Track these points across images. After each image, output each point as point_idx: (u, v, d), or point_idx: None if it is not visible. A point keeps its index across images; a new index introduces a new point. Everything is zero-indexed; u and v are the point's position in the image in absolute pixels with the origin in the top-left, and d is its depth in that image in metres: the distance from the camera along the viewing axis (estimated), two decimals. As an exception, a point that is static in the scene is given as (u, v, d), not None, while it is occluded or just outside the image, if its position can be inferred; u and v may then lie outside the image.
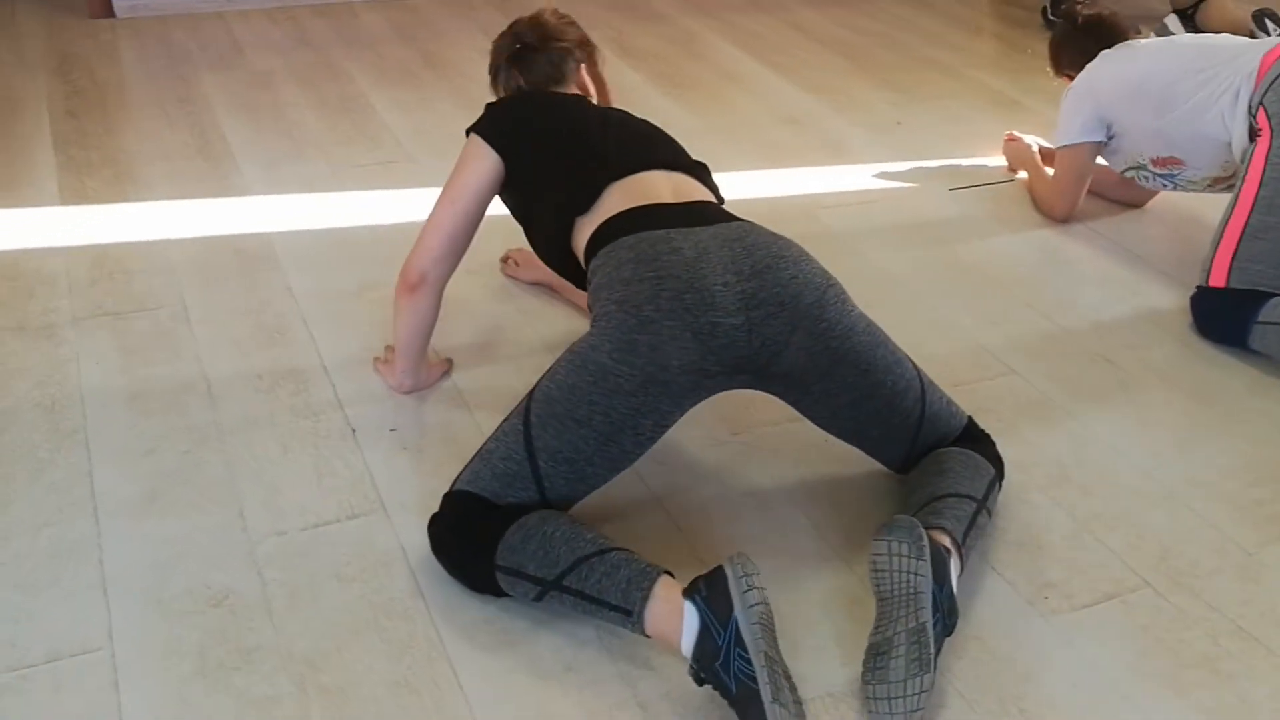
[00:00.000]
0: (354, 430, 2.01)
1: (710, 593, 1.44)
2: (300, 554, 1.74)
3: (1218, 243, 2.31)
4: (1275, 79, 2.33)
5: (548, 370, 1.69)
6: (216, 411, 2.04)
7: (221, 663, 1.55)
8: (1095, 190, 2.93)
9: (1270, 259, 2.25)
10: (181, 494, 1.85)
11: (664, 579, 1.51)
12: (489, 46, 2.22)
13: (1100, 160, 2.79)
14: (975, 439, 1.86)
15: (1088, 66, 2.73)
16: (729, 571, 1.44)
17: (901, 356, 1.77)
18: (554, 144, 1.93)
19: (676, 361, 1.61)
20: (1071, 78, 2.81)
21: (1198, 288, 2.35)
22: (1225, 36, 2.61)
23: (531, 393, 1.67)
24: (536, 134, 1.96)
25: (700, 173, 1.95)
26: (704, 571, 1.48)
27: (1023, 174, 3.05)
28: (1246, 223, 2.28)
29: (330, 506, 1.84)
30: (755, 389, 1.73)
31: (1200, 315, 2.35)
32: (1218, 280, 2.29)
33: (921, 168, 3.12)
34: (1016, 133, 3.13)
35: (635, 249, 1.68)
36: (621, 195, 1.81)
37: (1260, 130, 2.33)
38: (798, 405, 1.76)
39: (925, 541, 1.50)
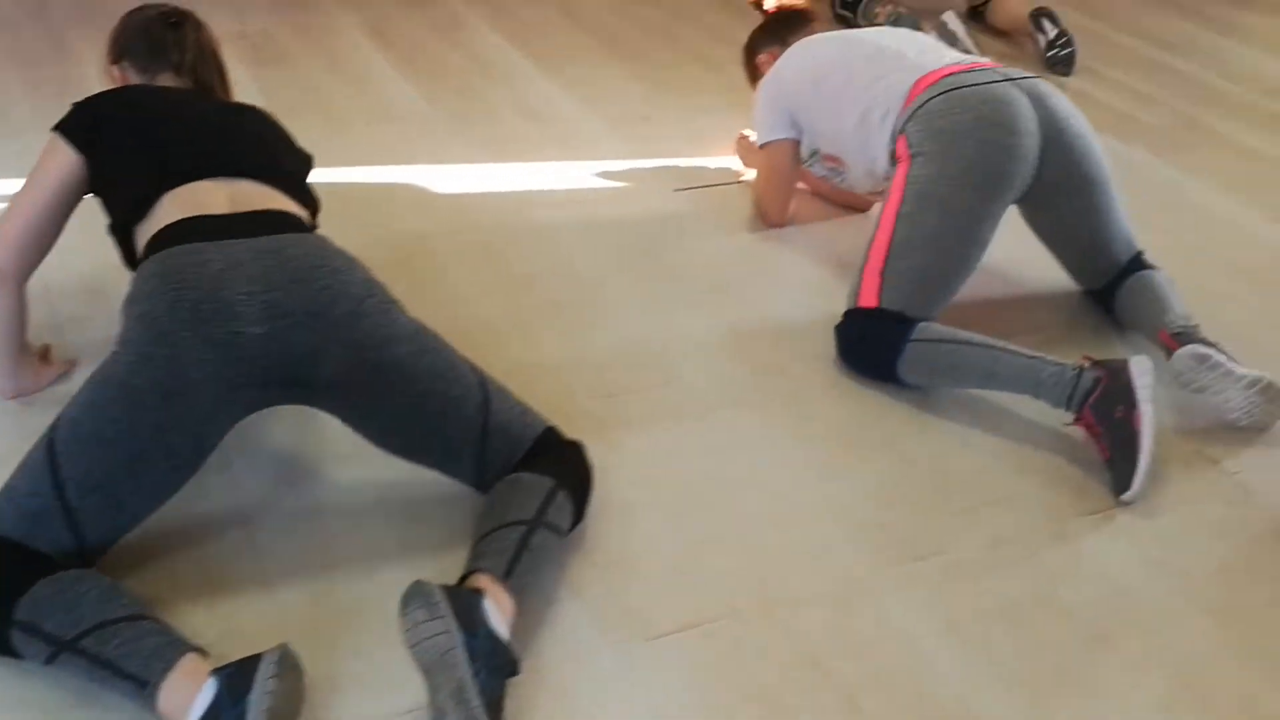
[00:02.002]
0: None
1: (237, 673, 1.35)
2: None
3: (864, 264, 2.23)
4: (919, 108, 2.28)
5: (73, 396, 1.57)
6: None
7: None
8: (819, 193, 2.88)
9: (914, 279, 2.19)
10: None
11: (192, 655, 1.41)
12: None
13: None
14: (550, 448, 1.77)
15: (776, 62, 2.67)
16: (265, 659, 1.36)
17: (458, 365, 1.70)
18: (126, 146, 1.84)
19: (196, 374, 1.51)
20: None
21: (845, 313, 2.24)
22: (901, 39, 2.53)
23: (56, 420, 1.55)
24: (115, 134, 1.85)
25: (285, 180, 1.84)
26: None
27: (751, 174, 2.99)
28: (891, 241, 2.21)
29: None
30: (305, 404, 1.64)
31: (847, 341, 2.23)
32: (868, 300, 2.20)
33: (655, 166, 3.04)
34: (747, 131, 3.06)
35: (164, 263, 1.60)
36: (175, 205, 1.71)
37: (899, 158, 2.29)
38: (350, 422, 1.68)
39: (439, 597, 1.42)
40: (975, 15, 4.27)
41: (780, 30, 2.83)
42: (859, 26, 3.83)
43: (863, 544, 1.85)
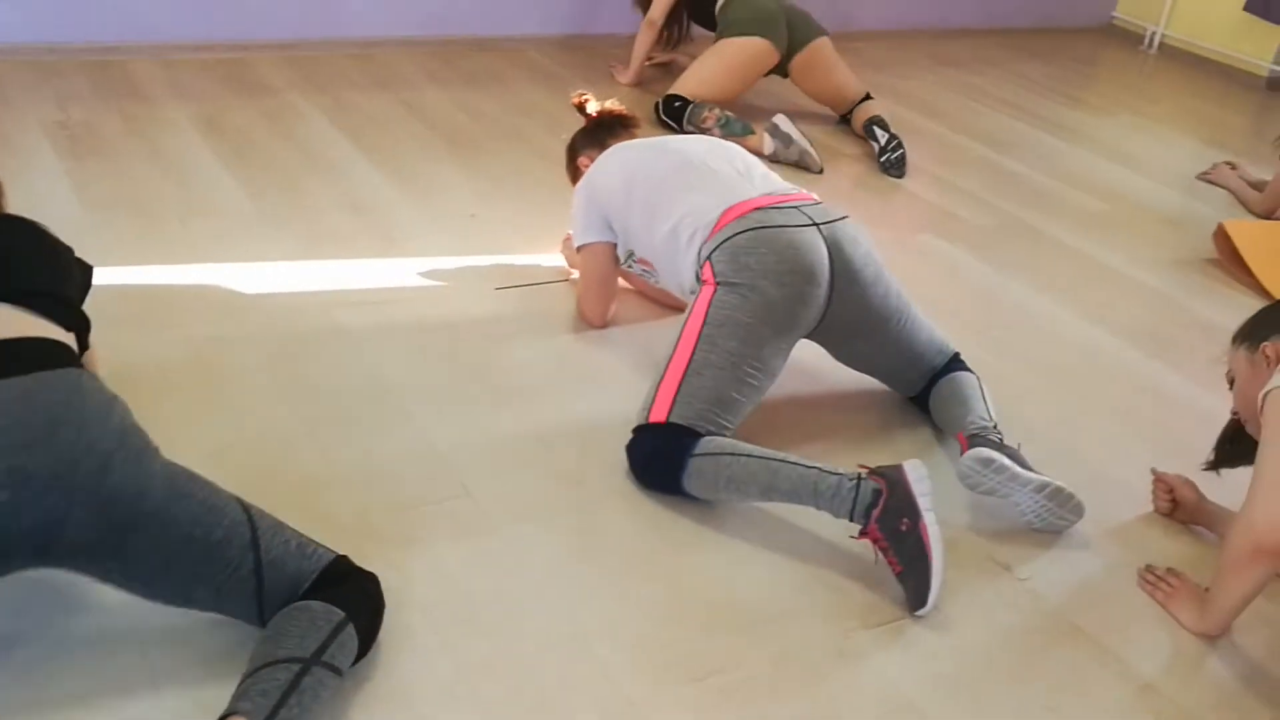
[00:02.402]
0: None
1: None
2: None
3: (660, 380, 2.22)
4: (726, 240, 2.29)
5: None
6: None
7: None
8: (643, 293, 2.87)
9: (708, 397, 2.18)
10: None
11: None
12: None
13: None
14: (343, 578, 1.70)
15: (592, 165, 2.67)
16: None
17: (219, 506, 1.62)
18: None
19: None
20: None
21: (635, 429, 2.22)
22: (712, 152, 2.55)
23: None
24: None
25: (38, 300, 1.73)
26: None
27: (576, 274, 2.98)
28: (690, 360, 2.21)
29: None
30: (59, 567, 1.55)
31: (636, 456, 2.20)
32: (658, 415, 2.19)
33: (479, 264, 3.00)
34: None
35: None
36: None
37: (705, 281, 2.30)
38: (110, 582, 1.60)
39: None
40: (844, 121, 4.38)
41: (600, 134, 2.84)
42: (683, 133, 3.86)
43: (642, 665, 1.80)
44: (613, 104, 2.91)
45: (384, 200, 3.30)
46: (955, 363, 2.51)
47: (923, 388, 2.50)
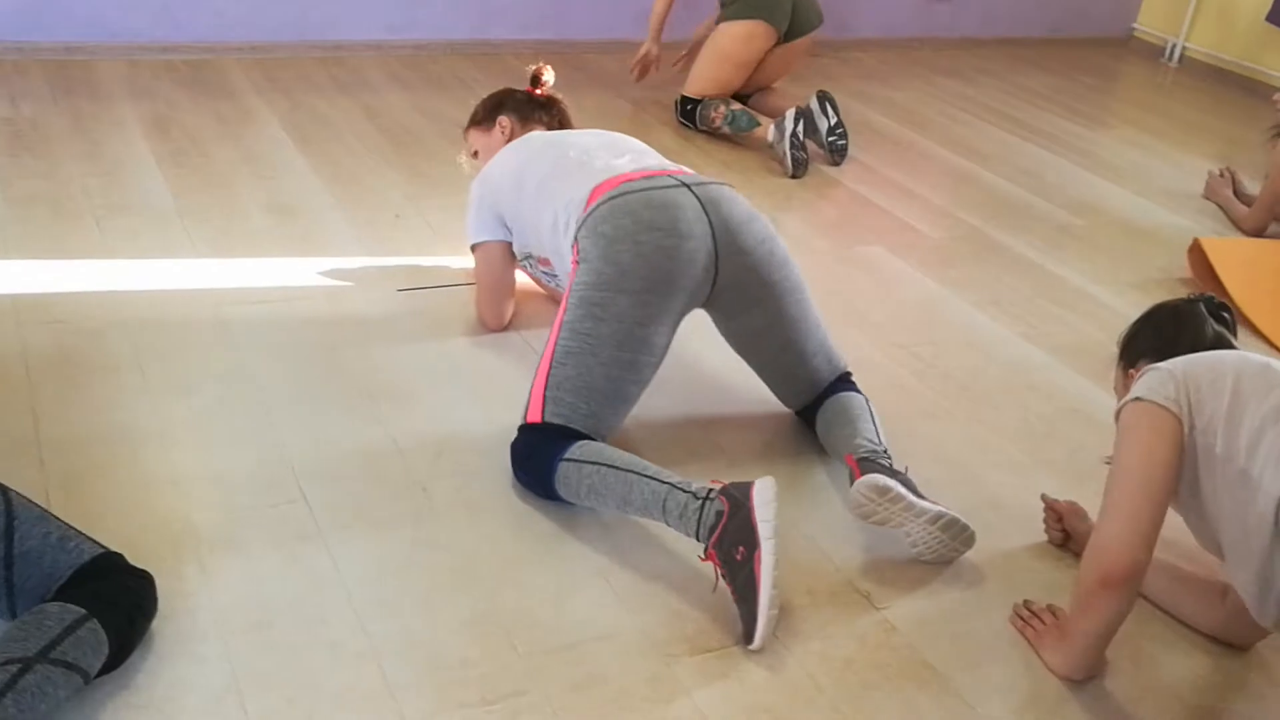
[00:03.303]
0: None
1: None
2: None
3: (534, 377, 2.13)
4: (589, 215, 2.19)
5: None
6: None
7: None
8: (549, 294, 2.78)
9: (576, 388, 2.08)
10: None
11: None
12: None
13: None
14: (102, 576, 1.62)
15: (488, 163, 2.59)
16: None
17: None
18: None
19: None
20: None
21: (518, 428, 2.13)
22: (602, 141, 2.46)
23: None
24: None
25: None
26: None
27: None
28: (554, 350, 2.11)
29: None
30: None
31: (515, 458, 2.11)
32: (534, 415, 2.10)
33: (387, 264, 2.93)
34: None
35: None
36: None
37: (574, 265, 2.20)
38: None
39: None
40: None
41: (533, 109, 2.79)
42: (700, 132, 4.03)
43: (433, 684, 1.70)
44: (561, 96, 2.84)
45: (312, 202, 3.25)
46: (843, 382, 2.38)
47: (809, 402, 2.37)
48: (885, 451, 2.17)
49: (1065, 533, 2.15)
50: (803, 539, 2.11)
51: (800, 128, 3.84)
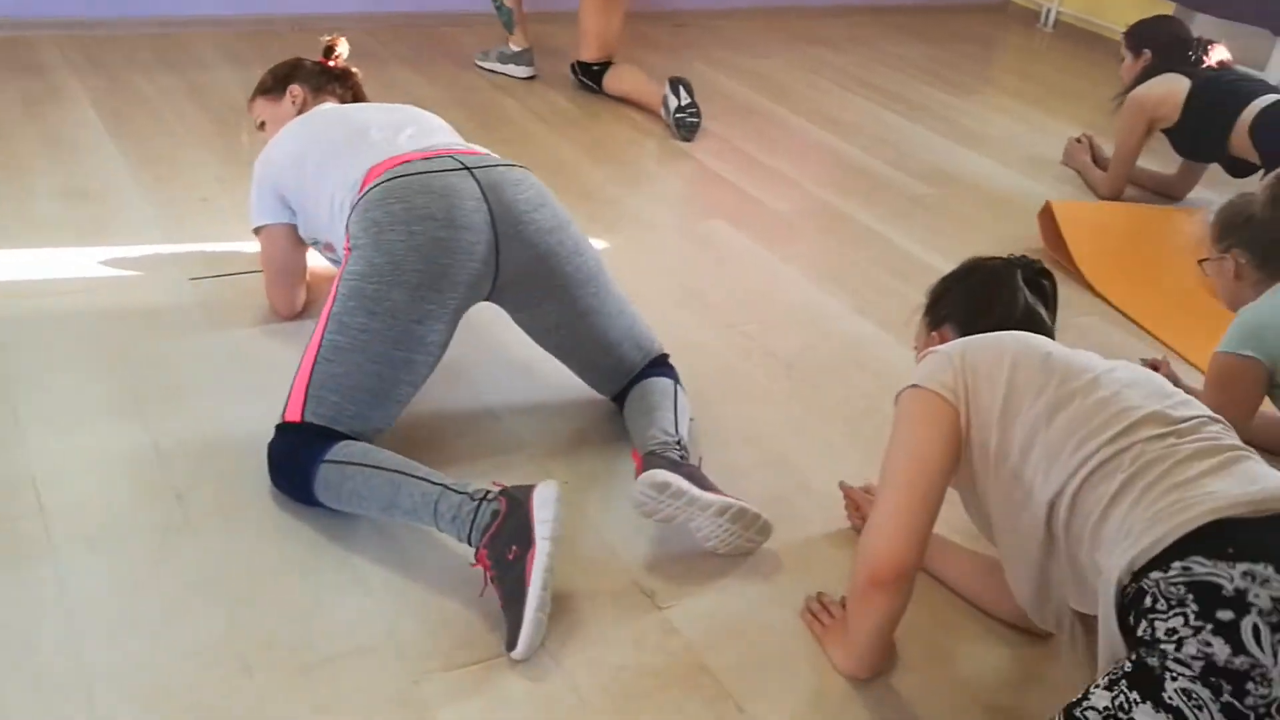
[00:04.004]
0: None
1: None
2: None
3: (296, 372, 1.96)
4: (361, 198, 2.03)
5: None
6: None
7: None
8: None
9: (342, 385, 1.92)
10: None
11: None
12: None
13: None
14: None
15: (272, 139, 2.42)
16: None
17: None
18: None
19: None
20: None
21: (276, 428, 1.96)
22: (385, 117, 2.30)
23: None
24: None
25: None
26: None
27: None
28: (320, 345, 1.95)
29: None
30: None
31: (271, 460, 1.95)
32: (293, 414, 1.93)
33: (183, 251, 2.74)
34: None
35: None
36: None
37: (346, 253, 2.04)
38: None
39: None
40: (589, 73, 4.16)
41: (325, 79, 2.62)
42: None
43: (146, 713, 1.54)
44: (357, 70, 2.67)
45: (114, 186, 3.04)
46: (655, 366, 2.25)
47: (622, 388, 2.24)
48: (678, 442, 2.04)
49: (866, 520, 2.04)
50: (593, 536, 1.98)
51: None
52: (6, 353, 2.27)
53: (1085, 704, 1.36)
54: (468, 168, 2.08)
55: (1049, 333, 1.84)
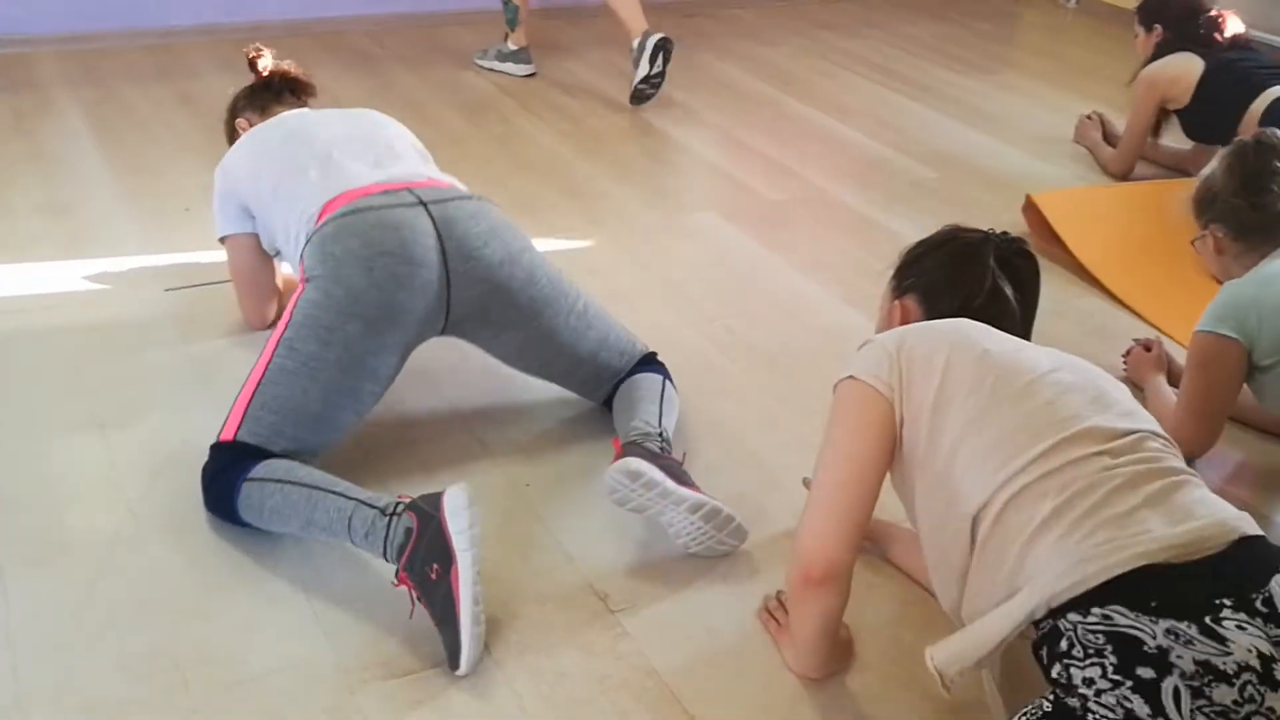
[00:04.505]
0: None
1: None
2: None
3: (239, 393, 1.93)
4: (317, 231, 2.00)
5: None
6: None
7: None
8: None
9: (283, 409, 1.89)
10: None
11: None
12: None
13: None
14: None
15: (229, 149, 2.39)
16: None
17: None
18: None
19: None
20: None
21: (210, 447, 1.92)
22: (348, 133, 2.27)
23: None
24: None
25: None
26: None
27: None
28: (267, 368, 1.92)
29: None
30: None
31: (204, 480, 1.91)
32: (228, 433, 1.89)
33: (160, 263, 2.73)
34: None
35: None
36: None
37: (301, 282, 2.01)
38: None
39: None
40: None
41: (265, 97, 2.56)
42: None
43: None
44: (290, 65, 2.62)
45: (95, 198, 3.05)
46: (643, 364, 2.21)
47: (609, 392, 2.20)
48: (661, 435, 1.99)
49: None
50: (549, 539, 1.93)
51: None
52: (-27, 369, 2.28)
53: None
54: (423, 202, 2.04)
55: (1013, 315, 1.74)
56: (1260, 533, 1.37)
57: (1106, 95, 4.36)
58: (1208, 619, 1.25)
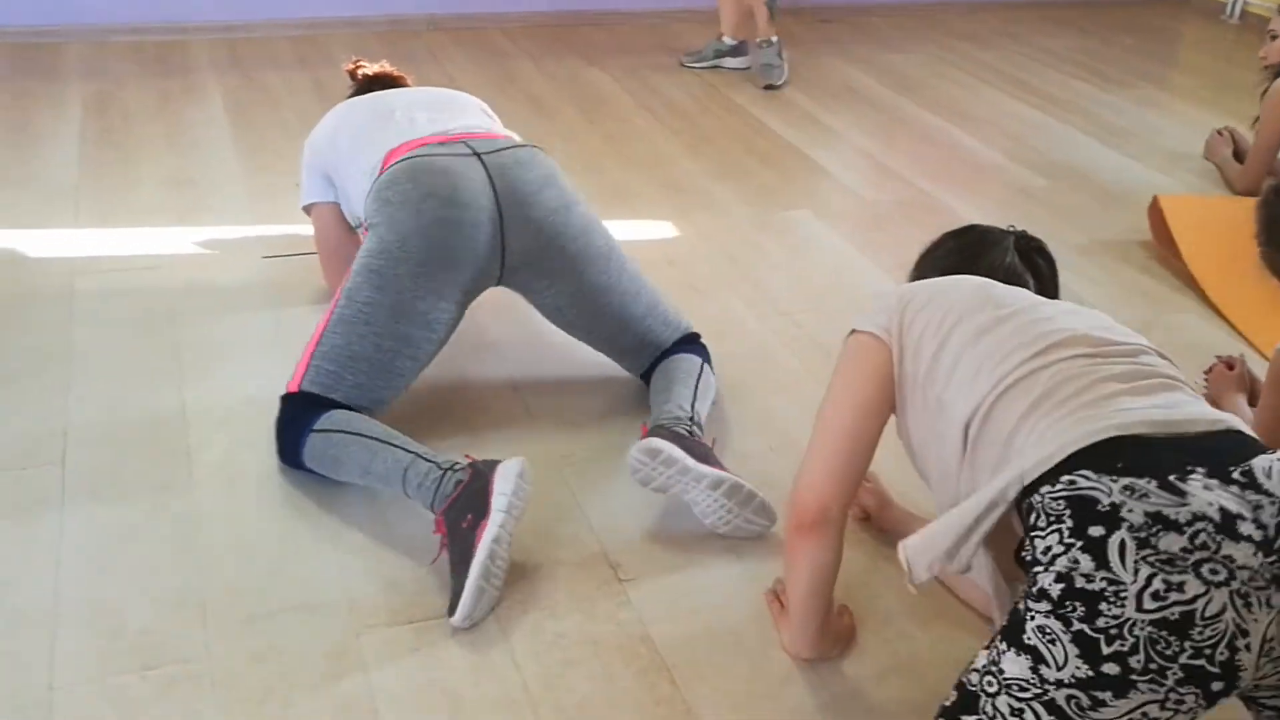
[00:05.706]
0: None
1: None
2: None
3: (307, 343, 2.03)
4: (380, 180, 2.09)
5: None
6: None
7: None
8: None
9: (340, 356, 1.98)
10: None
11: None
12: None
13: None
14: None
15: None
16: None
17: None
18: None
19: None
20: None
21: (280, 399, 2.02)
22: (418, 101, 2.36)
23: None
24: None
25: None
26: None
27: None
28: (330, 318, 2.02)
29: None
30: None
31: (276, 428, 2.00)
32: (294, 383, 2.00)
33: (265, 233, 2.89)
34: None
35: None
36: None
37: (364, 232, 2.11)
38: None
39: None
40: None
41: (361, 91, 2.68)
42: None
43: (96, 653, 1.62)
44: (385, 64, 2.74)
45: (218, 174, 3.24)
46: (683, 344, 2.24)
47: (649, 365, 2.23)
48: (690, 419, 2.02)
49: (866, 510, 1.97)
50: (575, 510, 1.97)
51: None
52: (77, 322, 2.45)
53: (970, 667, 1.31)
54: (477, 153, 2.12)
55: None
56: (1254, 436, 1.32)
57: (1250, 112, 4.18)
58: (1172, 477, 1.20)
